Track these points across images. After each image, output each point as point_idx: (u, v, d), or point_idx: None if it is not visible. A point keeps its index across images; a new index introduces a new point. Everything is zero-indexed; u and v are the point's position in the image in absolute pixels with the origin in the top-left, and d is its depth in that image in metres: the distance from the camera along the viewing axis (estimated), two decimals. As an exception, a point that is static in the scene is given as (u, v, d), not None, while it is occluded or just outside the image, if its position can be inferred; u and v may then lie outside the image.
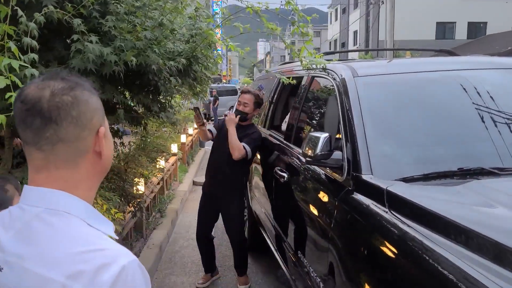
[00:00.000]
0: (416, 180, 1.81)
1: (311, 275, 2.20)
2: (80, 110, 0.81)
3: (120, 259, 0.75)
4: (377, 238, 1.58)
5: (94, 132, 0.84)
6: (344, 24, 34.16)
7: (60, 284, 0.71)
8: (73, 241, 0.76)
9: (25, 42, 1.57)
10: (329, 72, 2.69)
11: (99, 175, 0.89)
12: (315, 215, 2.23)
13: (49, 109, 0.79)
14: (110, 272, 0.72)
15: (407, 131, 2.14)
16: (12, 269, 0.76)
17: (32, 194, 0.82)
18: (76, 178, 0.83)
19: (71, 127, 0.80)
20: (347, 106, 2.20)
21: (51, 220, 0.78)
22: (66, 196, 0.81)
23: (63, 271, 0.72)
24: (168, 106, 2.92)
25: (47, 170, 0.82)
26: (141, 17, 2.37)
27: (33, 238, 0.77)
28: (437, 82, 2.40)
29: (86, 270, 0.72)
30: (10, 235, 0.79)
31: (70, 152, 0.82)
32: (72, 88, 0.82)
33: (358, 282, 1.66)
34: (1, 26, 1.46)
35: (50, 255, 0.74)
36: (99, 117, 0.86)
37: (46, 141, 0.80)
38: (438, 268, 1.27)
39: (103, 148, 0.85)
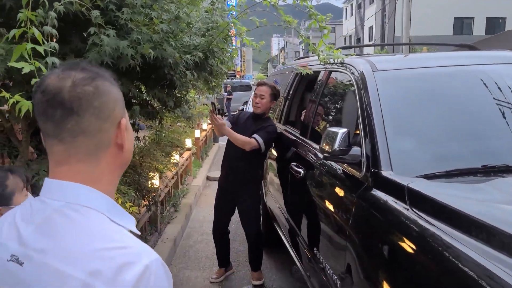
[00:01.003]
0: (438, 177, 1.76)
1: (327, 272, 2.17)
2: (102, 101, 0.79)
3: (143, 258, 0.72)
4: (398, 235, 1.54)
5: (115, 124, 0.82)
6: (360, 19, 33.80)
7: (81, 281, 0.69)
8: (95, 237, 0.74)
9: (45, 31, 1.56)
10: (347, 66, 2.64)
11: (120, 168, 0.87)
12: (332, 211, 2.20)
13: (71, 100, 0.76)
14: (133, 272, 0.70)
15: (428, 127, 2.09)
16: (33, 264, 0.74)
17: (53, 187, 0.80)
18: (97, 171, 0.81)
19: (93, 119, 0.78)
20: (366, 101, 2.16)
21: (72, 215, 0.76)
22: (88, 190, 0.79)
23: (84, 268, 0.70)
24: (183, 101, 2.90)
25: (68, 163, 0.80)
26: (157, 10, 2.36)
27: (53, 233, 0.75)
28: (458, 77, 2.34)
29: (108, 268, 0.70)
30: (31, 229, 0.78)
31: (92, 145, 0.79)
32: (94, 79, 0.79)
33: (377, 279, 1.62)
34: (24, 12, 1.45)
35: (71, 251, 0.72)
36: (120, 108, 0.83)
37: (67, 133, 0.78)
38: (461, 267, 1.23)
39: (124, 141, 0.83)
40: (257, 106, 3.44)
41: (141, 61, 2.19)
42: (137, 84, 2.76)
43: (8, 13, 2.09)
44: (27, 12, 1.44)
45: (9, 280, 0.77)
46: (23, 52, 1.39)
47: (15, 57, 1.40)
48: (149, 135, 5.01)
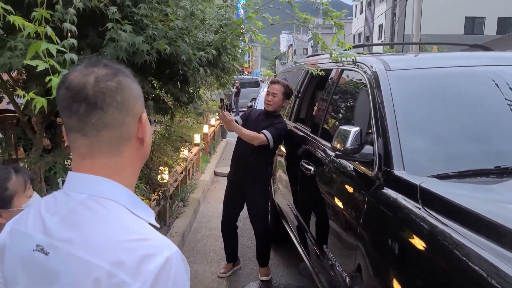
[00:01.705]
0: (450, 178, 1.77)
1: (336, 268, 2.19)
2: (124, 96, 0.81)
3: (164, 250, 0.75)
4: (410, 233, 1.55)
5: (137, 118, 0.85)
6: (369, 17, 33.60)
7: (106, 270, 0.72)
8: (118, 229, 0.77)
9: (65, 28, 1.59)
10: (359, 65, 2.65)
11: (140, 162, 0.89)
12: (342, 208, 2.21)
13: (95, 95, 0.79)
14: (155, 263, 0.72)
15: (441, 127, 2.09)
16: (58, 254, 0.77)
17: (77, 180, 0.83)
18: (119, 164, 0.84)
19: (116, 113, 0.80)
20: (379, 100, 2.17)
21: (95, 207, 0.79)
22: (110, 183, 0.82)
23: (108, 258, 0.73)
24: (195, 97, 2.92)
25: (92, 157, 0.82)
26: (172, 6, 2.38)
27: (78, 224, 0.78)
28: (472, 77, 2.34)
29: (131, 259, 0.72)
30: (56, 220, 0.80)
31: (115, 139, 0.82)
32: (116, 74, 0.82)
33: (387, 277, 1.64)
34: (39, 11, 1.48)
35: (96, 242, 0.75)
36: (140, 103, 0.86)
37: (91, 127, 0.80)
38: (473, 266, 1.24)
39: (145, 134, 0.86)
40: (269, 103, 3.46)
41: (156, 57, 2.21)
42: (150, 80, 2.79)
43: (27, 9, 2.12)
44: (42, 10, 1.46)
45: (35, 268, 0.80)
46: (38, 50, 1.42)
47: (30, 55, 1.43)
48: (159, 129, 5.05)
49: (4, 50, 2.04)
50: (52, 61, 1.41)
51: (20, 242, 0.84)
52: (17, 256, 0.84)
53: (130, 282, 0.71)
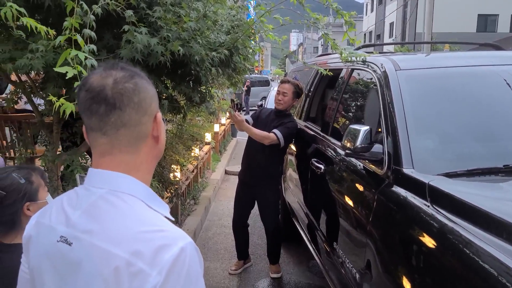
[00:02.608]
0: (459, 176, 1.80)
1: (346, 266, 2.22)
2: (140, 97, 0.87)
3: (179, 240, 0.79)
4: (419, 231, 1.58)
5: (152, 118, 0.90)
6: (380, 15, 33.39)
7: (125, 259, 0.77)
8: (136, 221, 0.81)
9: (85, 34, 1.65)
10: (369, 64, 2.68)
11: (156, 159, 0.94)
12: (352, 207, 2.25)
13: (113, 96, 0.84)
14: (170, 253, 0.77)
15: (450, 126, 2.12)
16: (81, 244, 0.83)
17: (97, 176, 0.88)
18: (137, 161, 0.89)
19: (133, 113, 0.86)
20: (389, 99, 2.19)
21: (114, 201, 0.84)
22: (128, 179, 0.87)
23: (127, 248, 0.78)
24: (208, 96, 2.98)
25: (111, 154, 0.87)
26: (186, 8, 2.43)
27: (99, 217, 0.83)
28: (482, 77, 2.36)
29: (148, 249, 0.77)
30: (78, 213, 0.86)
31: (132, 137, 0.87)
32: (132, 77, 0.88)
33: (396, 274, 1.67)
34: (69, 20, 1.54)
35: (115, 233, 0.80)
36: (156, 103, 0.91)
37: (111, 127, 0.85)
38: (482, 264, 1.27)
39: (160, 133, 0.91)
40: (280, 103, 3.51)
41: (170, 58, 2.27)
42: (163, 80, 2.85)
43: (47, 12, 2.19)
44: (72, 20, 1.53)
45: (59, 258, 0.86)
46: (67, 57, 1.48)
47: (60, 62, 1.49)
48: (170, 128, 5.13)
49: (25, 52, 2.11)
50: (80, 67, 1.48)
51: (45, 234, 0.90)
52: (42, 247, 0.90)
53: (148, 271, 0.75)
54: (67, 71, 1.46)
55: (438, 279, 1.44)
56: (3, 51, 2.22)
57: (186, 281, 0.78)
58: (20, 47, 2.30)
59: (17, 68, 2.20)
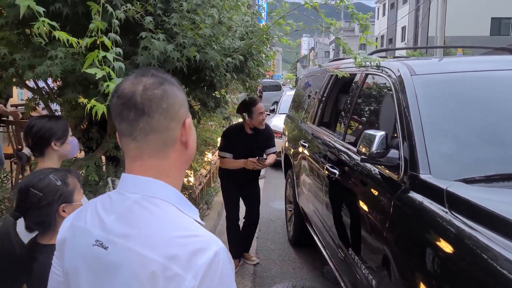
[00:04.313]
0: (477, 182, 1.78)
1: (362, 271, 2.21)
2: (169, 103, 0.88)
3: (213, 245, 0.81)
4: (436, 237, 1.57)
5: (181, 123, 0.91)
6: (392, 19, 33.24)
7: (160, 263, 0.78)
8: (170, 226, 0.83)
9: (110, 38, 1.68)
10: (383, 69, 2.67)
11: (185, 164, 0.96)
12: (368, 212, 2.24)
13: (142, 102, 0.86)
14: (205, 257, 0.78)
15: (467, 131, 2.10)
16: (116, 248, 0.84)
17: (130, 181, 0.90)
18: (166, 166, 0.90)
19: (161, 118, 0.87)
20: (404, 104, 2.19)
21: (149, 206, 0.86)
22: (160, 184, 0.89)
23: (163, 253, 0.79)
24: (222, 102, 3.00)
25: (141, 159, 0.90)
26: (201, 15, 2.45)
27: (134, 221, 0.85)
28: (498, 81, 2.33)
29: (183, 253, 0.79)
30: (112, 218, 0.88)
31: (161, 142, 0.89)
32: (162, 83, 0.89)
33: (414, 281, 1.66)
34: (95, 22, 1.57)
35: (151, 238, 0.82)
36: (185, 109, 0.93)
37: (140, 132, 0.87)
38: (502, 270, 1.26)
39: (189, 138, 0.92)
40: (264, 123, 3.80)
41: (186, 64, 2.29)
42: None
43: (65, 19, 2.23)
44: (98, 22, 1.56)
45: (95, 262, 0.88)
46: (95, 59, 1.51)
47: (87, 64, 1.52)
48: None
49: (44, 59, 2.15)
50: (108, 68, 1.50)
51: (81, 237, 0.91)
52: (78, 250, 0.91)
53: (183, 275, 0.77)
54: (96, 72, 1.48)
55: (455, 285, 1.42)
56: (22, 58, 2.26)
57: (220, 284, 0.79)
58: (38, 54, 2.35)
59: (36, 75, 2.24)
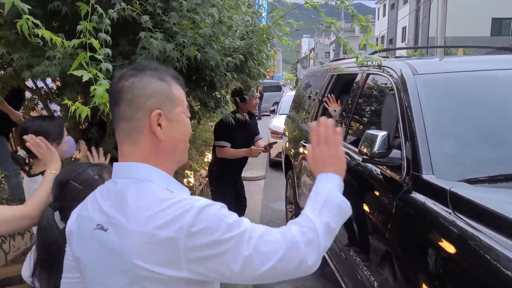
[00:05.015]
0: (480, 182, 1.76)
1: (364, 273, 2.19)
2: (134, 94, 0.96)
3: (195, 203, 0.90)
4: (440, 238, 1.55)
5: (148, 114, 0.96)
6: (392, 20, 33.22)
7: (153, 234, 0.87)
8: (157, 201, 0.90)
9: (100, 38, 1.66)
10: (385, 69, 2.65)
11: (165, 154, 1.00)
12: (370, 213, 2.21)
13: (114, 92, 0.98)
14: (190, 214, 0.87)
15: (470, 131, 2.08)
16: (115, 229, 0.93)
17: (119, 169, 1.00)
18: (138, 153, 0.98)
19: (126, 108, 0.96)
20: (407, 104, 2.16)
21: (136, 187, 0.94)
22: (146, 168, 0.97)
23: (153, 224, 0.88)
24: (223, 102, 2.98)
25: (121, 144, 1.01)
26: (201, 14, 2.43)
27: (124, 203, 0.93)
28: (501, 81, 2.31)
29: (172, 219, 0.87)
30: (108, 203, 0.97)
31: (130, 130, 0.97)
32: (133, 75, 0.97)
33: (417, 282, 1.63)
34: (83, 23, 1.55)
35: (140, 214, 0.90)
36: (156, 101, 0.97)
37: (115, 119, 0.99)
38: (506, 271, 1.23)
39: (156, 129, 0.97)
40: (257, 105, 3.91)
41: (186, 63, 2.27)
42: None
43: (64, 19, 2.21)
44: (86, 23, 1.54)
45: (96, 244, 0.96)
46: (82, 61, 1.49)
47: (74, 66, 1.50)
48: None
49: (42, 59, 2.13)
50: (95, 70, 1.48)
51: (84, 224, 1.00)
52: (83, 236, 1.01)
53: (175, 235, 0.86)
54: (82, 74, 1.46)
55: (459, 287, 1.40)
56: (21, 58, 2.24)
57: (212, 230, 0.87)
58: (37, 54, 2.33)
59: (34, 75, 2.22)
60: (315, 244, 0.97)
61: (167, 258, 0.87)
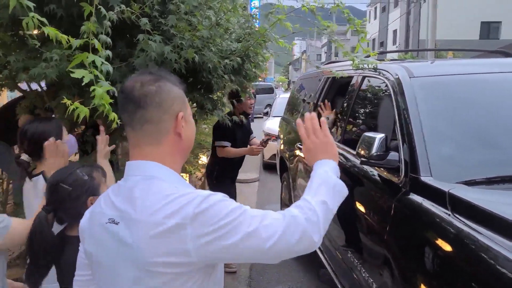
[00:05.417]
0: (478, 184, 1.78)
1: (362, 275, 2.20)
2: (162, 97, 1.03)
3: (200, 193, 0.97)
4: (440, 240, 1.56)
5: (174, 116, 1.04)
6: (384, 23, 33.48)
7: (161, 223, 0.93)
8: (164, 196, 0.97)
9: (101, 40, 1.65)
10: (381, 72, 2.67)
11: (181, 152, 1.09)
12: (368, 215, 2.23)
13: (139, 97, 1.02)
14: (195, 201, 0.94)
15: (467, 133, 2.10)
16: (126, 222, 0.99)
17: (132, 166, 1.06)
18: (161, 153, 1.04)
19: (155, 111, 1.02)
20: (403, 106, 2.18)
21: (147, 184, 1.00)
22: (158, 166, 1.03)
23: (161, 214, 0.94)
24: (220, 104, 2.98)
25: (139, 146, 1.05)
26: (198, 17, 2.43)
27: (135, 198, 0.99)
28: (497, 84, 2.34)
29: (179, 208, 0.94)
30: (120, 199, 1.03)
31: (155, 132, 1.03)
32: (157, 80, 1.04)
33: (416, 284, 1.64)
34: (87, 24, 1.54)
35: (149, 207, 0.96)
36: (178, 104, 1.06)
37: (137, 122, 1.03)
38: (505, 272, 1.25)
39: (181, 130, 1.05)
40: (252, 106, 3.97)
41: (184, 65, 2.27)
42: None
43: (59, 21, 2.19)
44: (90, 24, 1.53)
45: (107, 236, 1.02)
46: (84, 61, 1.48)
47: (73, 64, 1.48)
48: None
49: (39, 61, 2.11)
50: (96, 71, 1.48)
51: (97, 220, 1.06)
52: (95, 231, 1.05)
53: (182, 222, 0.93)
54: (83, 75, 1.45)
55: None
56: (17, 60, 2.22)
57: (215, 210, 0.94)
58: (33, 56, 2.31)
59: (31, 77, 2.20)
60: (315, 221, 1.02)
61: (176, 245, 0.93)
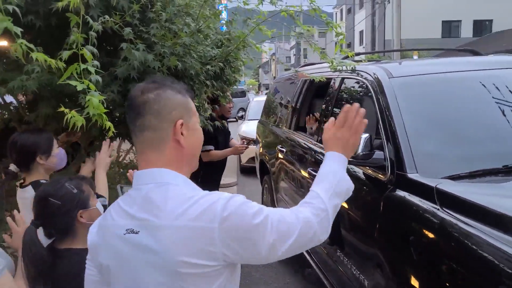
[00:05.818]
0: (462, 178, 1.85)
1: (352, 271, 2.24)
2: (160, 105, 1.03)
3: (221, 195, 0.98)
4: (430, 235, 1.61)
5: (173, 124, 1.04)
6: (350, 24, 34.15)
7: (188, 226, 0.94)
8: (185, 198, 0.98)
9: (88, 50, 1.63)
10: (359, 73, 2.73)
11: (185, 159, 1.08)
12: (356, 214, 2.27)
13: (138, 104, 1.03)
14: (219, 204, 0.95)
15: (448, 130, 2.18)
16: (147, 230, 0.98)
17: (142, 175, 1.05)
18: (165, 160, 1.04)
19: (152, 118, 1.02)
20: (385, 106, 2.24)
21: (162, 190, 1.00)
22: (168, 172, 1.03)
23: (186, 218, 0.94)
24: (201, 110, 2.97)
25: (144, 153, 1.06)
26: (179, 24, 2.43)
27: (154, 205, 0.98)
28: (471, 81, 2.44)
29: (203, 211, 0.95)
30: (135, 208, 1.01)
31: (155, 139, 1.03)
32: (157, 88, 1.05)
33: (408, 280, 1.69)
34: (74, 35, 1.52)
35: (172, 211, 0.96)
36: (179, 111, 1.06)
37: (137, 129, 1.04)
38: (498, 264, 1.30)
39: (180, 137, 1.05)
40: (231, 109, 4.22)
41: (167, 73, 2.26)
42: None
43: (37, 32, 2.15)
44: (78, 35, 1.52)
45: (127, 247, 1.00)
46: (73, 72, 1.47)
47: (65, 77, 1.47)
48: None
49: (18, 74, 2.06)
50: (87, 81, 1.46)
51: (111, 233, 1.03)
52: (111, 244, 1.03)
53: (209, 225, 0.93)
54: (76, 85, 1.44)
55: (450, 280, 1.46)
56: (-5, 74, 2.16)
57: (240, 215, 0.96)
58: (11, 68, 2.25)
59: (9, 91, 2.14)
60: (326, 223, 1.10)
61: (203, 247, 0.94)
